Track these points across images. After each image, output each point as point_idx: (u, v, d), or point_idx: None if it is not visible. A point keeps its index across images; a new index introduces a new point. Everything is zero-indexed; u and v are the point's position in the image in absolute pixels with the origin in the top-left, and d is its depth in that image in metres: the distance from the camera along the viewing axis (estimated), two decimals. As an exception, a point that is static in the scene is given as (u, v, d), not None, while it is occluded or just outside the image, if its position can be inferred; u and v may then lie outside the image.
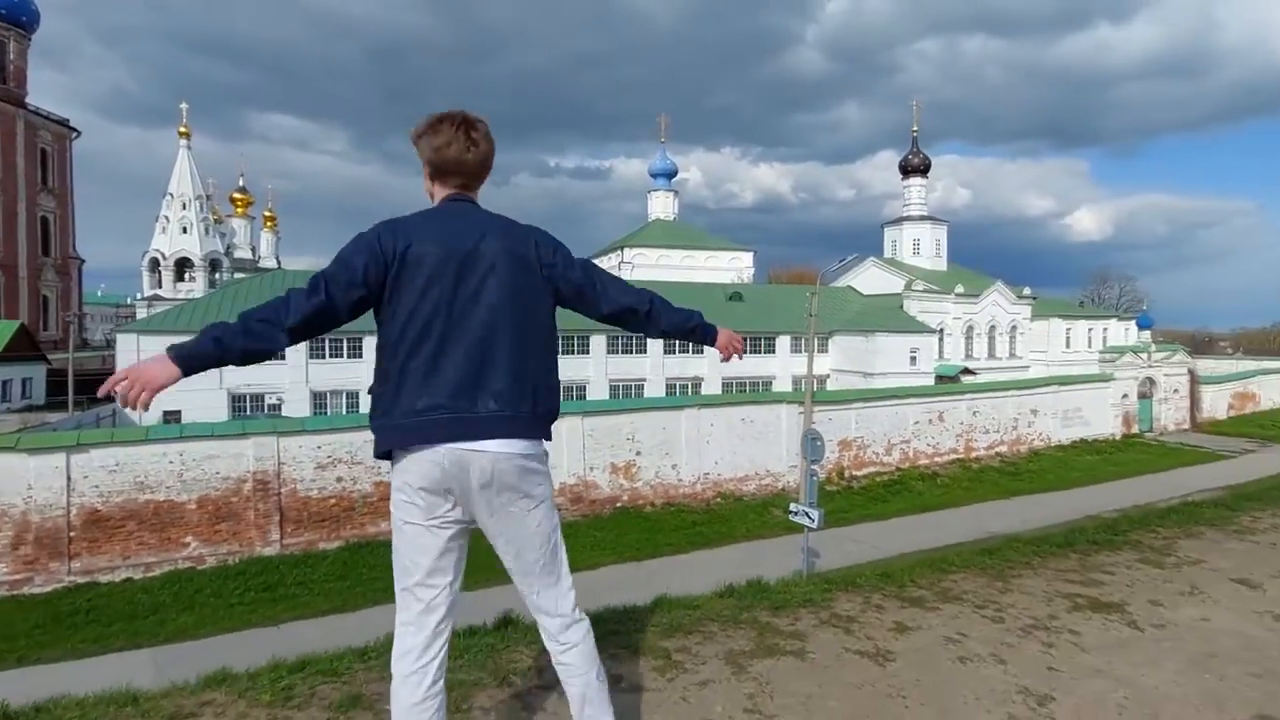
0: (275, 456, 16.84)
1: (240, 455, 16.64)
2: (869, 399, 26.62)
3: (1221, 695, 3.16)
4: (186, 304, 32.11)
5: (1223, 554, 4.95)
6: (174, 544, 16.03)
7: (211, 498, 16.35)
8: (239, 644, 12.83)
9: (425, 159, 2.13)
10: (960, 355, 44.06)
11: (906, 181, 51.83)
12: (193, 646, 13.07)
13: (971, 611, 4.02)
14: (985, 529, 19.88)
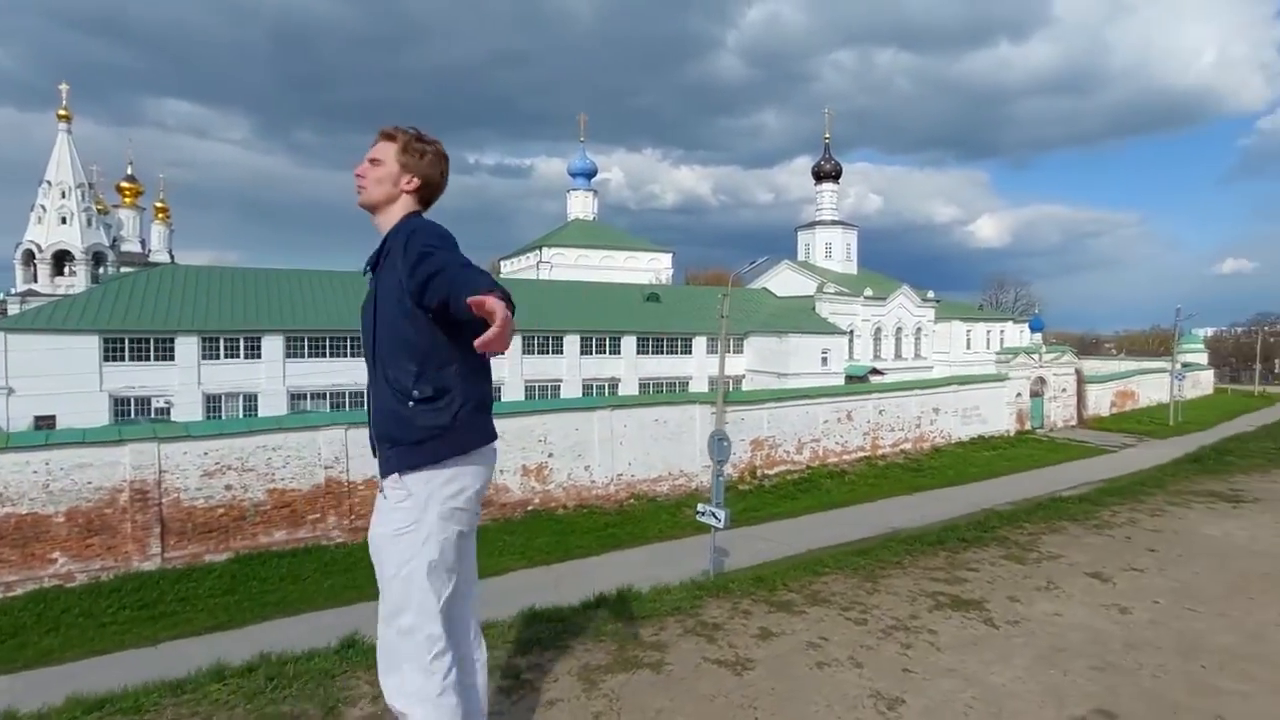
0: (156, 464, 15.69)
1: (116, 463, 15.42)
2: (781, 399, 27.12)
3: (1063, 690, 3.22)
4: (64, 300, 29.66)
5: (1081, 549, 5.14)
6: (38, 560, 14.71)
7: (82, 509, 15.09)
8: (109, 667, 11.87)
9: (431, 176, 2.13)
10: (869, 356, 45.64)
11: (819, 187, 53.29)
12: (56, 672, 12.03)
13: (837, 614, 4.01)
14: (888, 524, 20.52)
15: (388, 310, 1.97)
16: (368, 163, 2.11)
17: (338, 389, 30.63)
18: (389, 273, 1.97)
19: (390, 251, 1.99)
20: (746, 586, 4.45)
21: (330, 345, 30.82)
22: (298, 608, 14.28)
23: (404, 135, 2.11)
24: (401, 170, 2.09)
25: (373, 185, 2.10)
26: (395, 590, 2.01)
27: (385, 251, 2.02)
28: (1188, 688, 3.23)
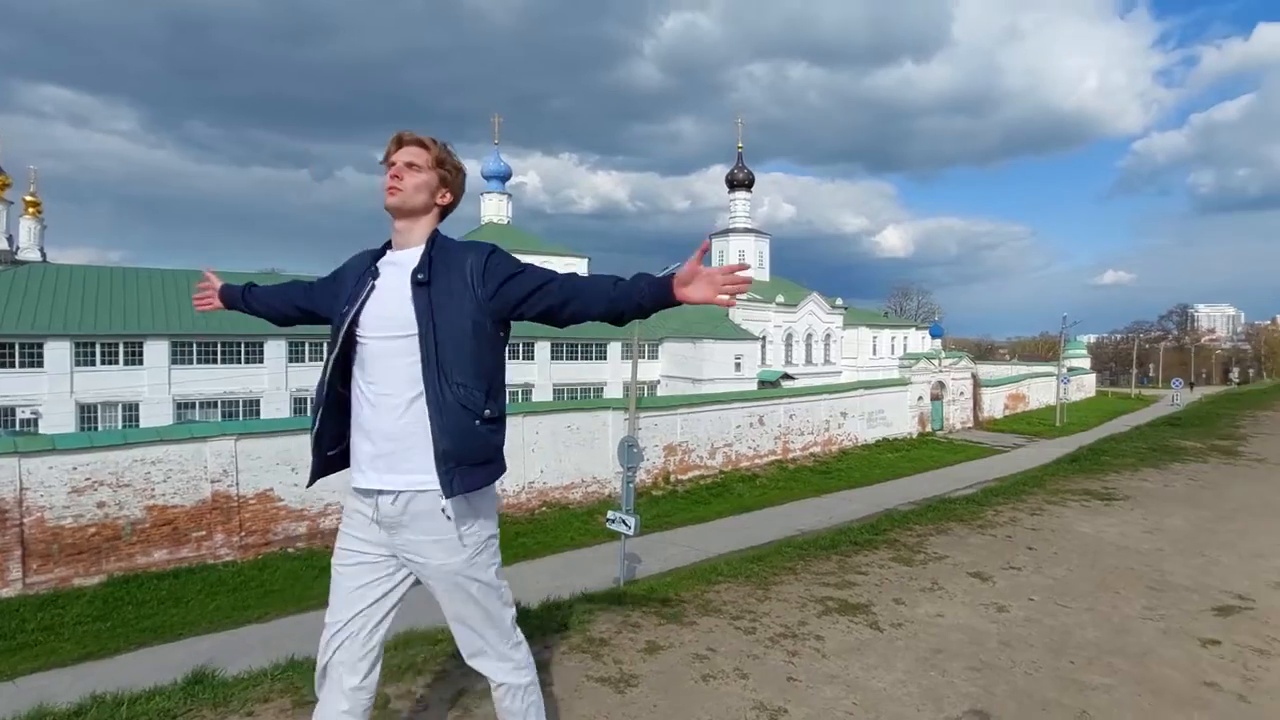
0: (16, 480, 14.30)
1: (-33, 481, 13.99)
2: (694, 404, 27.36)
3: (941, 692, 3.24)
4: (-87, 300, 26.82)
5: (965, 549, 5.28)
6: None
7: (-74, 534, 13.60)
8: (-47, 708, 10.70)
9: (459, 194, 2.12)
10: (781, 361, 46.82)
11: (733, 195, 54.39)
12: (-112, 717, 10.76)
13: (727, 624, 3.95)
14: (796, 527, 21.00)
15: (456, 324, 1.89)
16: (404, 165, 1.98)
17: (230, 397, 28.93)
18: (454, 286, 1.91)
19: (447, 267, 1.93)
20: (640, 598, 4.34)
21: (222, 351, 29.07)
22: (178, 632, 13.31)
23: (439, 146, 2.03)
24: (440, 184, 2.03)
25: (412, 191, 1.98)
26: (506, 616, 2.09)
27: (435, 262, 1.94)
28: (1057, 684, 3.31)
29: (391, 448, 1.89)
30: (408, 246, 2.00)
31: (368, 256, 2.07)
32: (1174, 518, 6.07)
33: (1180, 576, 4.64)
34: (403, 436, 1.89)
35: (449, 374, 1.86)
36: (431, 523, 1.90)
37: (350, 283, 2.02)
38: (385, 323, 1.90)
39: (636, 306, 1.86)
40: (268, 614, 13.94)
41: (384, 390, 1.90)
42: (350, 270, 2.08)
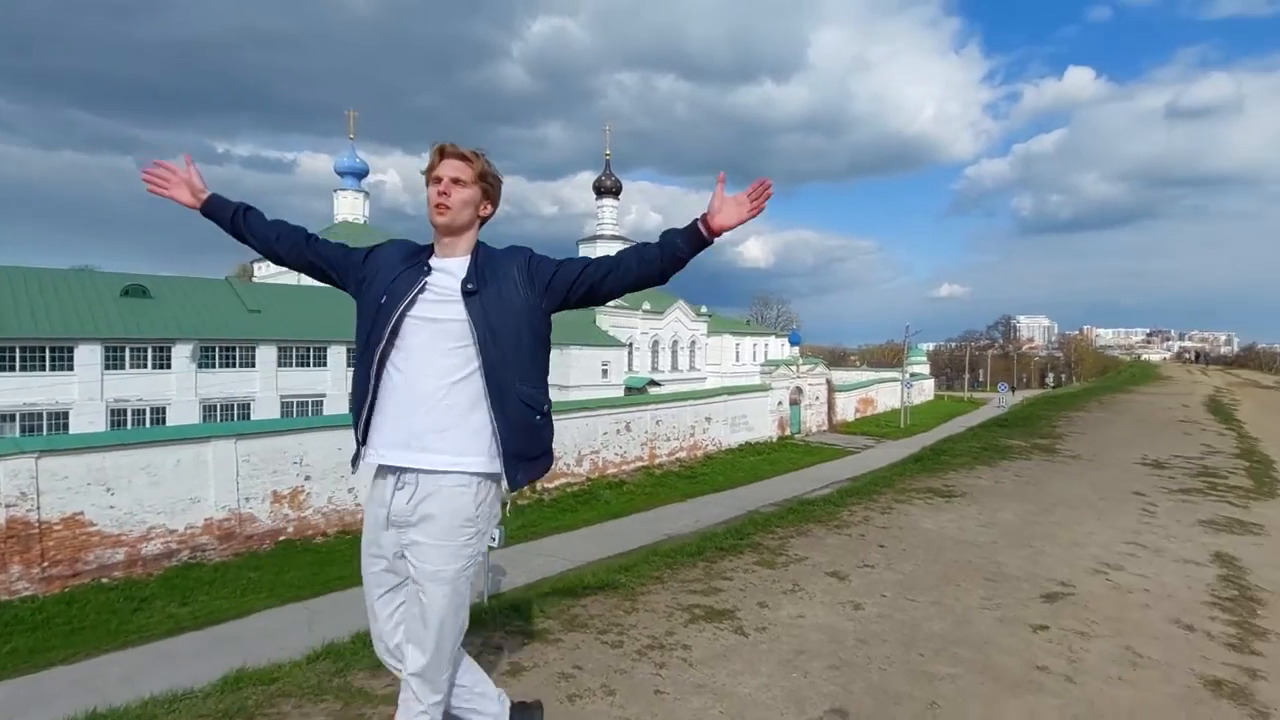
0: None
1: None
2: (560, 411, 27.14)
3: (803, 693, 3.27)
4: None
5: (823, 549, 5.45)
6: None
7: None
8: None
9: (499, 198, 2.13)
10: (647, 368, 47.53)
11: (600, 202, 54.75)
12: None
13: (594, 639, 3.81)
14: (663, 531, 21.29)
15: (512, 329, 1.97)
16: (450, 182, 2.00)
17: (30, 409, 25.47)
18: (505, 292, 1.99)
19: (494, 275, 2.00)
20: (501, 617, 4.12)
21: (23, 357, 25.55)
22: (-43, 683, 11.45)
23: (481, 160, 2.04)
24: (482, 197, 2.07)
25: (459, 208, 2.02)
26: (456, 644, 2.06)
27: (483, 272, 2.00)
28: (908, 677, 3.43)
29: (425, 428, 1.94)
30: (453, 256, 2.05)
31: (408, 252, 2.09)
32: (1004, 512, 6.60)
33: (1012, 567, 5.01)
34: (441, 425, 1.94)
35: (510, 376, 1.97)
36: (448, 524, 1.95)
37: (391, 275, 2.02)
38: (435, 325, 1.96)
39: (673, 257, 2.01)
40: (75, 654, 12.29)
41: (426, 384, 1.95)
42: (389, 261, 2.07)
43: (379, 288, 2.01)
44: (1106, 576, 4.88)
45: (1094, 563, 5.16)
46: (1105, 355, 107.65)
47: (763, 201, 1.96)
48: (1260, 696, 3.34)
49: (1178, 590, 4.68)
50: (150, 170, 2.22)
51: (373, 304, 2.01)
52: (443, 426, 1.93)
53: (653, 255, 2.03)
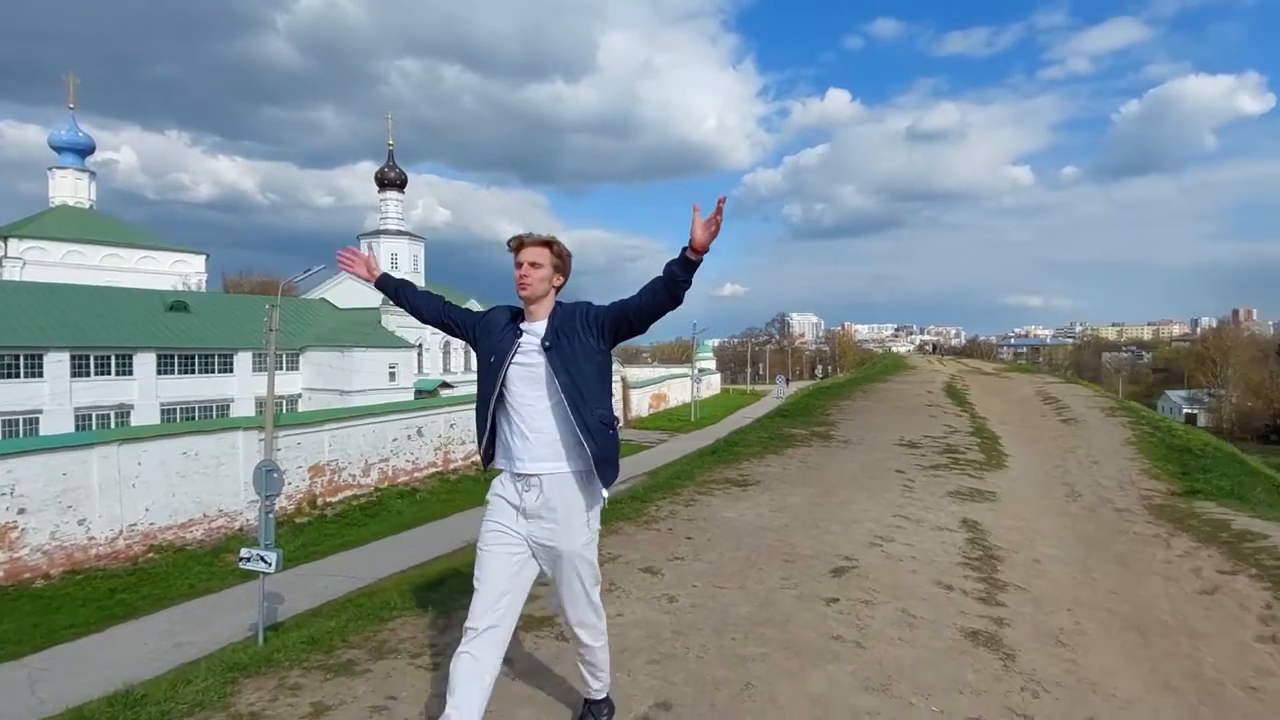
0: None
1: None
2: (344, 418, 25.21)
3: (628, 691, 3.27)
4: None
5: (634, 546, 5.53)
6: None
7: None
8: None
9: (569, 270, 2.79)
10: (439, 369, 45.69)
11: (384, 194, 51.49)
12: None
13: (407, 664, 3.54)
14: (462, 539, 20.59)
15: (585, 369, 2.60)
16: (529, 266, 2.63)
17: None
18: (574, 343, 2.60)
19: (565, 330, 2.61)
20: (297, 653, 3.68)
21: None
22: None
23: (557, 244, 2.69)
24: (554, 272, 2.69)
25: (536, 283, 2.64)
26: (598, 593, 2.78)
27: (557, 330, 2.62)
28: (724, 662, 3.58)
29: (534, 448, 2.61)
30: (537, 319, 2.68)
31: (508, 315, 2.76)
32: (793, 496, 7.17)
33: (804, 547, 5.44)
34: (542, 441, 2.61)
35: (588, 404, 2.57)
36: (562, 509, 2.60)
37: (498, 333, 2.70)
38: (529, 370, 2.63)
39: (672, 281, 2.48)
40: None
41: (528, 413, 2.62)
42: (496, 322, 2.75)
43: (491, 345, 2.72)
44: (881, 548, 5.48)
45: (870, 537, 5.77)
46: (863, 348, 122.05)
47: (720, 215, 2.41)
48: (1007, 641, 3.93)
49: (937, 555, 5.38)
50: (342, 254, 3.04)
51: (487, 357, 2.72)
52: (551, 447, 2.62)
53: (658, 285, 2.52)
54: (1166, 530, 6.50)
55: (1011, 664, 3.67)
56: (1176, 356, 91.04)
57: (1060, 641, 4.05)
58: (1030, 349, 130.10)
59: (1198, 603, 4.74)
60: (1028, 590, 4.84)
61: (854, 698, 3.26)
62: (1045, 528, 6.67)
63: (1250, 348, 71.41)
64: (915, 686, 3.37)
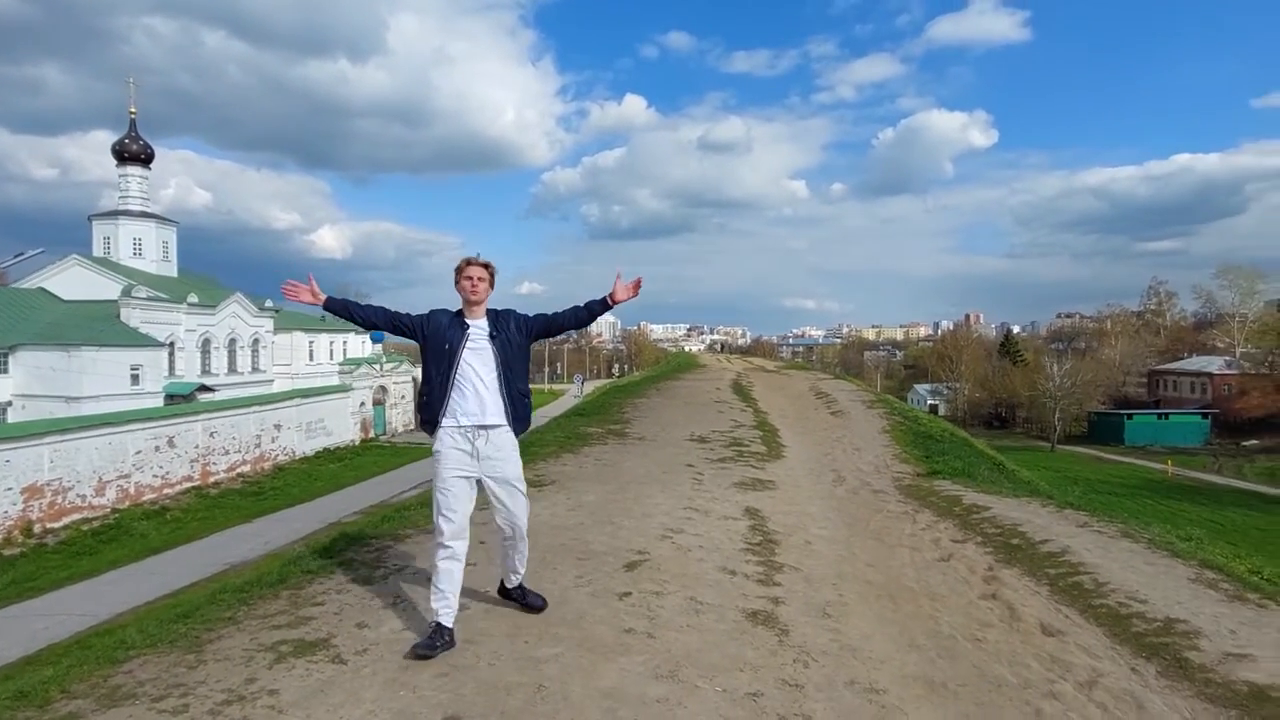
0: None
1: None
2: (69, 429, 21.45)
3: (414, 709, 3.08)
4: None
5: (424, 553, 5.21)
6: None
7: None
8: None
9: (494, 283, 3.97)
10: (196, 371, 40.40)
11: (124, 170, 44.39)
12: None
13: (146, 710, 3.05)
14: (223, 561, 18.40)
15: (516, 356, 3.85)
16: (477, 280, 3.78)
17: None
18: (509, 337, 3.84)
19: (501, 327, 3.83)
20: (2, 712, 3.05)
21: None
22: None
23: (491, 267, 3.86)
24: (489, 286, 3.86)
25: (482, 292, 3.81)
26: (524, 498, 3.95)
27: (496, 326, 3.82)
28: (516, 666, 3.49)
29: (486, 407, 3.74)
30: (477, 318, 3.82)
31: (449, 315, 3.86)
32: (589, 494, 7.22)
33: (598, 544, 5.49)
34: (493, 403, 3.75)
35: (513, 379, 3.82)
36: (505, 450, 3.79)
37: (448, 329, 3.78)
38: (479, 354, 3.76)
39: (590, 315, 4.01)
40: None
41: (482, 383, 3.74)
42: (441, 321, 3.83)
43: (442, 337, 3.75)
44: (672, 540, 5.69)
45: (662, 530, 5.96)
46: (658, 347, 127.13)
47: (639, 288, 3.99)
48: (783, 618, 4.23)
49: (722, 543, 5.69)
50: (286, 286, 3.80)
51: (439, 346, 3.75)
52: (495, 407, 3.73)
53: (579, 312, 4.00)
54: (913, 507, 7.44)
55: (785, 639, 3.96)
56: (922, 354, 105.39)
57: (826, 614, 4.44)
58: (806, 348, 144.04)
59: (936, 569, 5.46)
60: (800, 569, 5.27)
61: (645, 686, 3.32)
62: (816, 511, 7.34)
63: (978, 347, 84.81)
64: (701, 670, 3.51)
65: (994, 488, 8.54)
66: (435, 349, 3.75)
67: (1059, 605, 4.66)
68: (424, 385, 3.84)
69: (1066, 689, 3.65)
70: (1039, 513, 7.05)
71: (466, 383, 3.70)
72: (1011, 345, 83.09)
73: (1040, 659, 3.98)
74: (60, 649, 12.64)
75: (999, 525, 6.46)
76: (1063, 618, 4.47)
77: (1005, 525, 6.45)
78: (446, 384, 3.69)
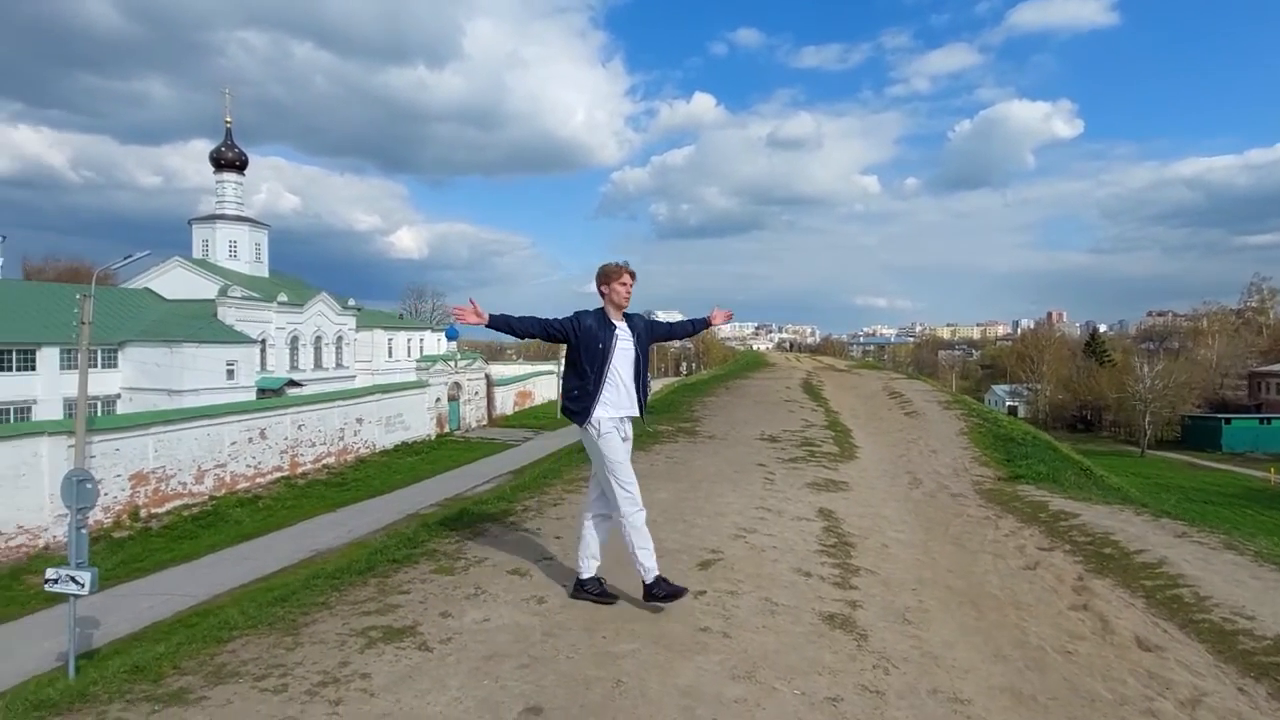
0: None
1: None
2: (173, 420, 22.91)
3: (496, 698, 3.16)
4: None
5: (502, 547, 5.38)
6: None
7: None
8: None
9: None
10: (285, 367, 42.54)
11: (221, 176, 47.25)
12: None
13: (250, 688, 3.23)
14: (310, 548, 19.31)
15: (643, 353, 4.32)
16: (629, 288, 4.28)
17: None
18: (642, 339, 4.31)
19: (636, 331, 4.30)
20: (118, 684, 3.28)
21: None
22: None
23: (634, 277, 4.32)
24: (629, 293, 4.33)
25: (627, 300, 4.29)
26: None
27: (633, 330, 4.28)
28: (594, 660, 3.54)
29: (630, 400, 4.23)
30: (619, 320, 4.25)
31: (601, 317, 4.22)
32: (661, 492, 7.25)
33: (671, 542, 5.51)
34: (630, 396, 4.23)
35: (642, 375, 4.32)
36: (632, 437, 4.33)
37: (600, 331, 4.15)
38: (624, 354, 4.21)
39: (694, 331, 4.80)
40: None
41: (626, 379, 4.21)
42: (591, 325, 4.17)
43: (595, 338, 4.13)
44: (745, 539, 5.66)
45: (734, 529, 5.94)
46: (725, 346, 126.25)
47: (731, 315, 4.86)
48: (860, 623, 4.16)
49: (796, 544, 5.63)
50: (455, 310, 4.05)
51: (594, 346, 4.12)
52: (633, 399, 4.24)
53: (689, 329, 4.75)
54: (995, 512, 7.19)
55: (864, 643, 3.89)
56: (1000, 354, 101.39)
57: (906, 619, 4.34)
58: (877, 347, 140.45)
59: (1022, 577, 5.26)
60: (877, 573, 5.17)
61: (722, 686, 3.32)
62: (891, 513, 7.17)
63: (1061, 346, 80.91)
64: (778, 671, 3.49)
65: (1081, 494, 8.16)
66: (589, 349, 4.12)
67: (1156, 619, 4.43)
68: (575, 380, 4.18)
69: (1166, 707, 3.47)
70: (1132, 521, 6.69)
71: (616, 378, 4.15)
72: (1098, 345, 78.98)
73: (1137, 675, 3.79)
74: (164, 627, 13.54)
75: (1089, 533, 6.17)
76: (1161, 632, 4.25)
77: (1096, 533, 6.15)
78: (600, 379, 4.10)
